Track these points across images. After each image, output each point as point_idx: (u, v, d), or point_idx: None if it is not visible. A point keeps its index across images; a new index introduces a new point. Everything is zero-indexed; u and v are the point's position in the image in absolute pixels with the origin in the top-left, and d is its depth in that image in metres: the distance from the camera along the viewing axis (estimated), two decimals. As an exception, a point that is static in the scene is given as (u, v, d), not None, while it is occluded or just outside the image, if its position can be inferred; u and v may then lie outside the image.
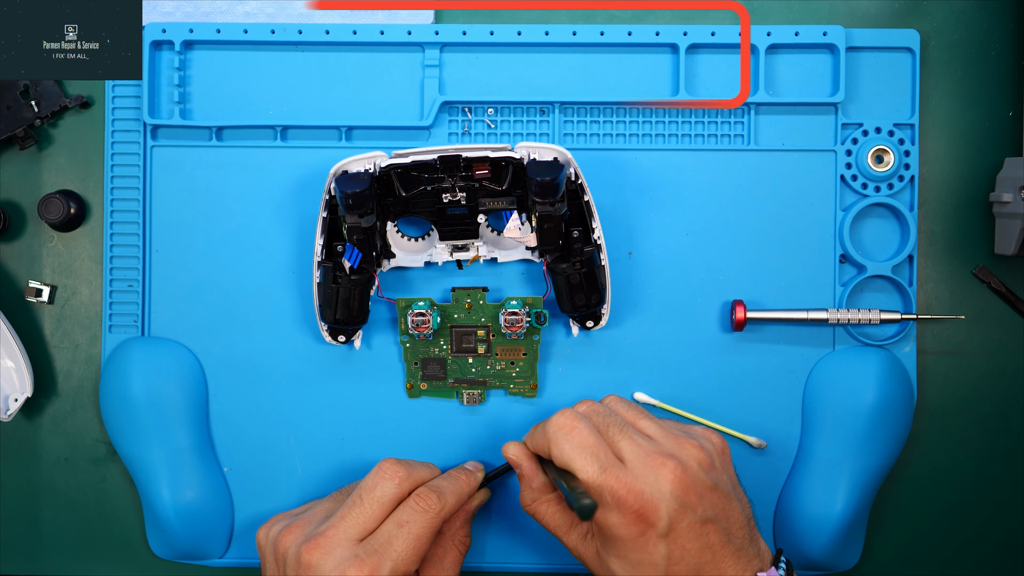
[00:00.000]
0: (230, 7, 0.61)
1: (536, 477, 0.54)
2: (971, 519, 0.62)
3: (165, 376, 0.60)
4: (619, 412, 0.53)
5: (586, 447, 0.49)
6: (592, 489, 0.48)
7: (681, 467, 0.49)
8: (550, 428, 0.51)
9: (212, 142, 0.60)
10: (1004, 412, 0.62)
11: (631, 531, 0.48)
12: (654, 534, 0.48)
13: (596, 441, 0.50)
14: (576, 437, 0.50)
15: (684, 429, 0.53)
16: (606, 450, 0.50)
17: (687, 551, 0.48)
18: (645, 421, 0.52)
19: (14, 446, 0.63)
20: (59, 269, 0.62)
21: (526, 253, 0.59)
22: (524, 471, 0.54)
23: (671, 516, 0.48)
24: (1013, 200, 0.58)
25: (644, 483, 0.48)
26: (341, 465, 0.61)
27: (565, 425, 0.50)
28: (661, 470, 0.48)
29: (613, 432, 0.51)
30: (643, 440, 0.50)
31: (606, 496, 0.48)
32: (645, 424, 0.52)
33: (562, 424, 0.51)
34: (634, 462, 0.49)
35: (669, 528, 0.48)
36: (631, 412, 0.53)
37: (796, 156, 0.60)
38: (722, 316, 0.60)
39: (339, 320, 0.57)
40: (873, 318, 0.58)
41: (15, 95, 0.61)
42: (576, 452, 0.49)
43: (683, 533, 0.48)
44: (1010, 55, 0.61)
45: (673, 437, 0.51)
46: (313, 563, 0.50)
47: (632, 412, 0.53)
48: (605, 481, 0.48)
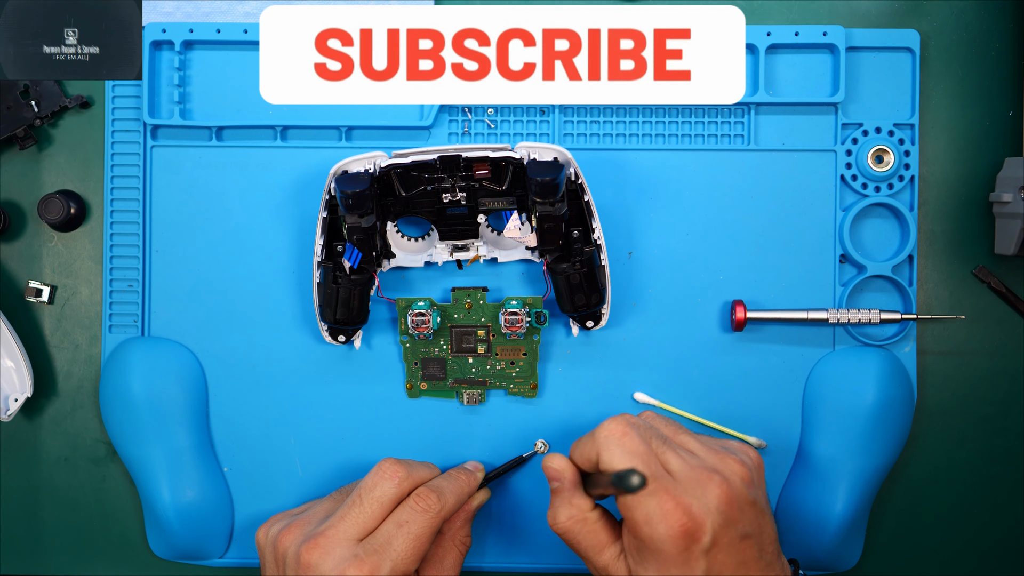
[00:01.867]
0: (230, 7, 0.61)
1: (577, 493, 0.51)
2: (971, 519, 0.62)
3: (165, 376, 0.60)
4: (658, 427, 0.52)
5: (638, 454, 0.48)
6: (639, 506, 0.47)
7: (727, 482, 0.48)
8: (601, 434, 0.49)
9: (212, 142, 0.60)
10: (1004, 412, 0.62)
11: (675, 545, 0.46)
12: (698, 550, 0.47)
13: (647, 450, 0.49)
14: (628, 443, 0.48)
15: (722, 444, 0.52)
16: (655, 460, 0.49)
17: (724, 566, 0.47)
18: (684, 436, 0.52)
19: (14, 446, 0.63)
20: (59, 269, 0.62)
21: (526, 253, 0.59)
22: (565, 486, 0.51)
23: (715, 532, 0.47)
24: (1013, 200, 0.58)
25: (692, 497, 0.47)
26: (341, 465, 0.61)
27: (617, 431, 0.49)
28: (708, 485, 0.48)
29: (657, 444, 0.50)
30: (686, 455, 0.50)
31: (654, 508, 0.47)
32: (685, 439, 0.51)
33: (614, 430, 0.49)
34: (681, 476, 0.48)
35: (712, 544, 0.47)
36: (670, 427, 0.53)
37: (796, 156, 0.60)
38: (722, 316, 0.60)
39: (339, 320, 0.57)
40: (873, 318, 0.58)
41: (15, 95, 0.61)
42: (628, 459, 0.48)
43: (723, 549, 0.47)
44: (1010, 55, 0.61)
45: (715, 452, 0.50)
46: (313, 563, 0.50)
47: (671, 427, 0.53)
48: (655, 491, 0.47)
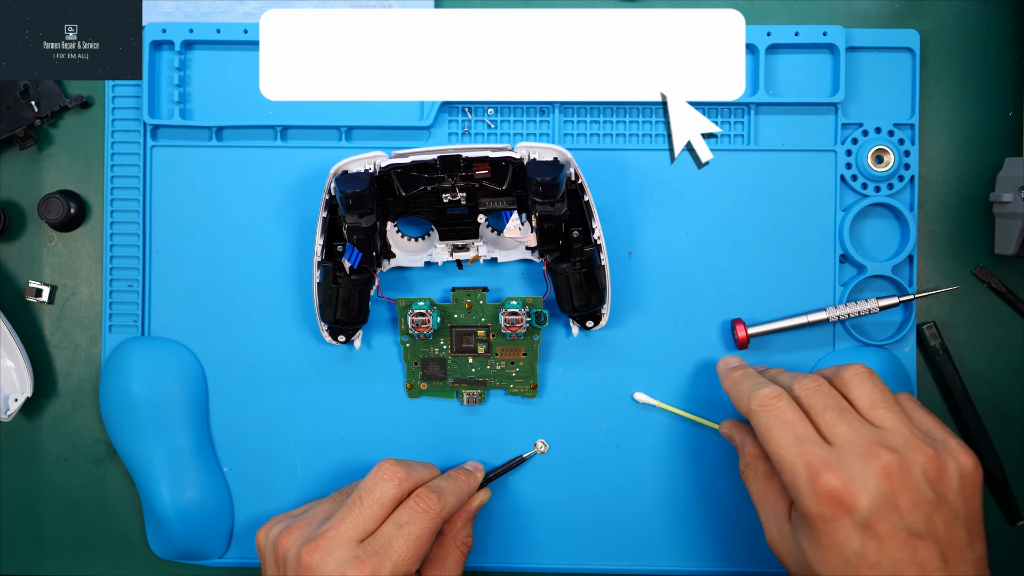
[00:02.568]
0: (230, 7, 0.61)
1: (747, 444, 0.54)
2: (971, 519, 0.62)
3: (165, 376, 0.60)
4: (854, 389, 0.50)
5: (785, 422, 0.48)
6: (784, 462, 0.47)
7: (898, 463, 0.45)
8: (753, 403, 0.50)
9: (212, 142, 0.60)
10: (1004, 412, 0.62)
11: (824, 510, 0.45)
12: (849, 522, 0.45)
13: (797, 418, 0.48)
14: (774, 413, 0.49)
15: (937, 434, 0.48)
16: (807, 427, 0.48)
17: (887, 557, 0.45)
18: (882, 410, 0.48)
19: (14, 446, 0.63)
20: (59, 269, 0.62)
21: (526, 253, 0.59)
22: (736, 440, 0.55)
23: (872, 509, 0.44)
24: (1013, 200, 0.58)
25: (847, 465, 0.45)
26: (341, 465, 0.61)
27: (765, 402, 0.49)
28: (872, 460, 0.45)
29: (830, 415, 0.48)
30: (867, 428, 0.47)
31: (800, 469, 0.46)
32: (881, 413, 0.48)
33: (763, 400, 0.49)
34: (845, 446, 0.46)
35: (867, 522, 0.45)
36: (872, 395, 0.49)
37: (796, 156, 0.60)
38: (722, 317, 0.60)
39: (339, 320, 0.57)
40: (872, 307, 0.58)
41: (15, 95, 0.61)
42: (772, 426, 0.48)
43: (885, 536, 0.45)
44: (1010, 55, 0.61)
45: (908, 434, 0.47)
46: (313, 564, 0.50)
47: (873, 395, 0.49)
48: (801, 452, 0.46)
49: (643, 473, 0.60)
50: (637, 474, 0.60)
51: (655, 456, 0.60)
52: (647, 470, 0.60)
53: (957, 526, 0.46)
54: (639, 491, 0.60)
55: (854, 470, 0.45)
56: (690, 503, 0.60)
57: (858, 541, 0.45)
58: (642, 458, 0.60)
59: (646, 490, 0.60)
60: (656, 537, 0.60)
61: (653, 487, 0.60)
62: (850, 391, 0.50)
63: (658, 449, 0.60)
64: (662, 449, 0.60)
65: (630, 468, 0.60)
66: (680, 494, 0.60)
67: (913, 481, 0.45)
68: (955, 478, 0.46)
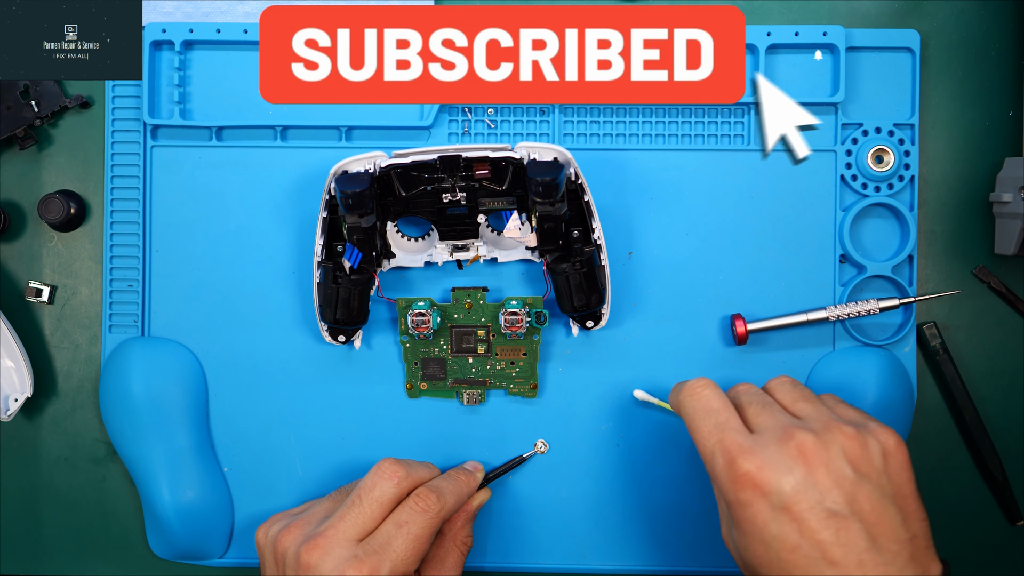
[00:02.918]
0: (230, 7, 0.61)
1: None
2: (971, 519, 0.62)
3: (165, 376, 0.60)
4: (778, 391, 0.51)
5: (709, 410, 0.48)
6: (704, 450, 0.47)
7: (813, 443, 0.45)
8: (683, 392, 0.50)
9: (212, 142, 0.60)
10: (1004, 412, 0.62)
11: (741, 496, 0.45)
12: (766, 504, 0.44)
13: (721, 406, 0.49)
14: (700, 401, 0.49)
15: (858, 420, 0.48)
16: (730, 415, 0.48)
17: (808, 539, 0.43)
18: (804, 403, 0.49)
19: (14, 446, 0.63)
20: (59, 269, 0.62)
21: (526, 253, 0.59)
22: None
23: (788, 489, 0.44)
24: (1013, 200, 0.58)
25: (763, 448, 0.45)
26: (341, 465, 0.61)
27: (693, 390, 0.50)
28: (788, 442, 0.45)
29: (755, 408, 0.49)
30: (786, 417, 0.47)
31: (718, 455, 0.46)
32: (803, 406, 0.49)
33: (691, 387, 0.50)
34: (764, 432, 0.46)
35: (784, 503, 0.44)
36: (793, 393, 0.50)
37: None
38: (722, 316, 0.60)
39: (339, 320, 0.57)
40: (872, 308, 0.58)
41: (15, 95, 0.61)
42: (697, 414, 0.49)
43: (804, 516, 0.43)
44: (1010, 55, 0.61)
45: (827, 419, 0.47)
46: (312, 563, 0.50)
47: (794, 393, 0.50)
48: (720, 440, 0.47)
49: (643, 473, 0.60)
50: (637, 474, 0.60)
51: (655, 456, 0.60)
52: (647, 470, 0.60)
53: (885, 505, 0.44)
54: (639, 491, 0.60)
55: (769, 452, 0.45)
56: (689, 503, 0.60)
57: (776, 524, 0.44)
58: (642, 458, 0.60)
59: (646, 490, 0.60)
60: (656, 537, 0.60)
61: (653, 487, 0.60)
62: (775, 393, 0.51)
63: (658, 449, 0.60)
64: (662, 449, 0.60)
65: (630, 468, 0.60)
66: (680, 494, 0.60)
67: (831, 459, 0.45)
68: (877, 456, 0.46)
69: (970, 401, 0.61)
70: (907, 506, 0.45)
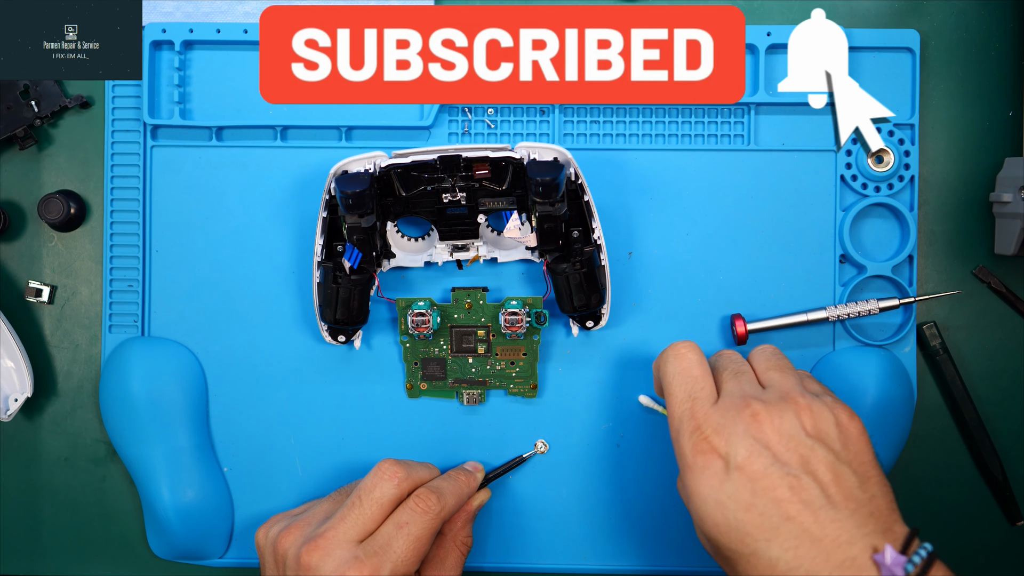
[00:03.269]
0: (230, 7, 0.61)
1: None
2: (971, 519, 0.62)
3: (165, 376, 0.60)
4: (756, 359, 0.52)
5: (687, 376, 0.49)
6: (673, 418, 0.48)
7: (767, 410, 0.46)
8: (668, 350, 0.51)
9: (212, 142, 0.60)
10: (1004, 412, 0.62)
11: (698, 460, 0.46)
12: (720, 465, 0.45)
13: (700, 373, 0.49)
14: (681, 363, 0.50)
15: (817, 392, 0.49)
16: (704, 384, 0.49)
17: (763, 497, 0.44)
18: (774, 372, 0.50)
19: (14, 446, 0.63)
20: (59, 269, 0.62)
21: (526, 253, 0.59)
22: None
23: (741, 450, 0.45)
24: (1013, 200, 0.58)
25: (722, 414, 0.47)
26: (341, 465, 0.61)
27: (677, 350, 0.51)
28: (744, 409, 0.46)
29: (727, 374, 0.50)
30: (751, 386, 0.49)
31: (686, 422, 0.47)
32: (773, 375, 0.50)
33: (675, 349, 0.51)
34: (726, 399, 0.48)
35: (739, 464, 0.45)
36: (768, 362, 0.51)
37: (796, 156, 0.60)
38: (722, 316, 0.60)
39: (339, 320, 0.57)
40: (872, 308, 0.58)
41: (15, 95, 0.61)
42: (674, 378, 0.50)
43: (758, 475, 0.44)
44: (1010, 55, 0.61)
45: (788, 389, 0.48)
46: (313, 564, 0.50)
47: (769, 362, 0.51)
48: (690, 407, 0.48)
49: (643, 473, 0.60)
50: (637, 474, 0.60)
51: (655, 456, 0.60)
52: (647, 470, 0.60)
53: (839, 466, 0.45)
54: (639, 491, 0.60)
55: (726, 419, 0.46)
56: (690, 503, 0.60)
57: (730, 483, 0.45)
58: (642, 458, 0.60)
59: (646, 490, 0.60)
60: (656, 537, 0.60)
61: (653, 487, 0.60)
62: (753, 360, 0.52)
63: (658, 449, 0.60)
64: (662, 449, 0.60)
65: (630, 468, 0.60)
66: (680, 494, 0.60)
67: (784, 424, 0.46)
68: (832, 427, 0.46)
69: (970, 401, 0.61)
70: (865, 471, 0.45)
